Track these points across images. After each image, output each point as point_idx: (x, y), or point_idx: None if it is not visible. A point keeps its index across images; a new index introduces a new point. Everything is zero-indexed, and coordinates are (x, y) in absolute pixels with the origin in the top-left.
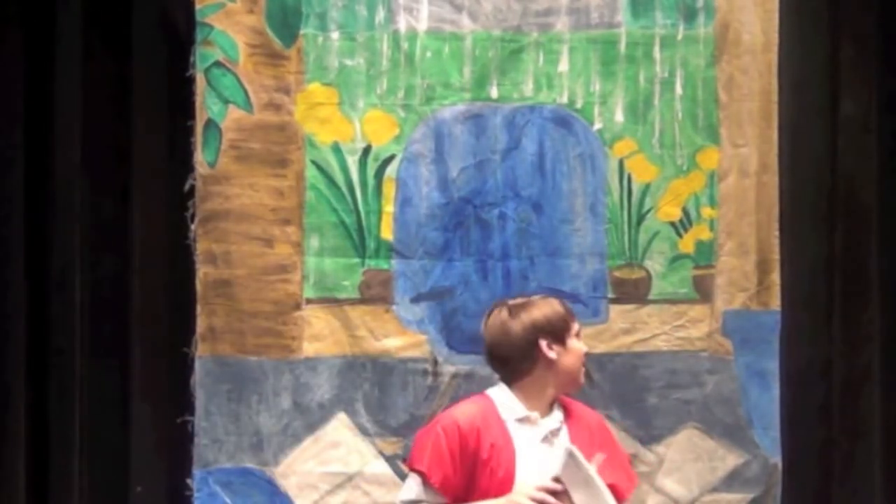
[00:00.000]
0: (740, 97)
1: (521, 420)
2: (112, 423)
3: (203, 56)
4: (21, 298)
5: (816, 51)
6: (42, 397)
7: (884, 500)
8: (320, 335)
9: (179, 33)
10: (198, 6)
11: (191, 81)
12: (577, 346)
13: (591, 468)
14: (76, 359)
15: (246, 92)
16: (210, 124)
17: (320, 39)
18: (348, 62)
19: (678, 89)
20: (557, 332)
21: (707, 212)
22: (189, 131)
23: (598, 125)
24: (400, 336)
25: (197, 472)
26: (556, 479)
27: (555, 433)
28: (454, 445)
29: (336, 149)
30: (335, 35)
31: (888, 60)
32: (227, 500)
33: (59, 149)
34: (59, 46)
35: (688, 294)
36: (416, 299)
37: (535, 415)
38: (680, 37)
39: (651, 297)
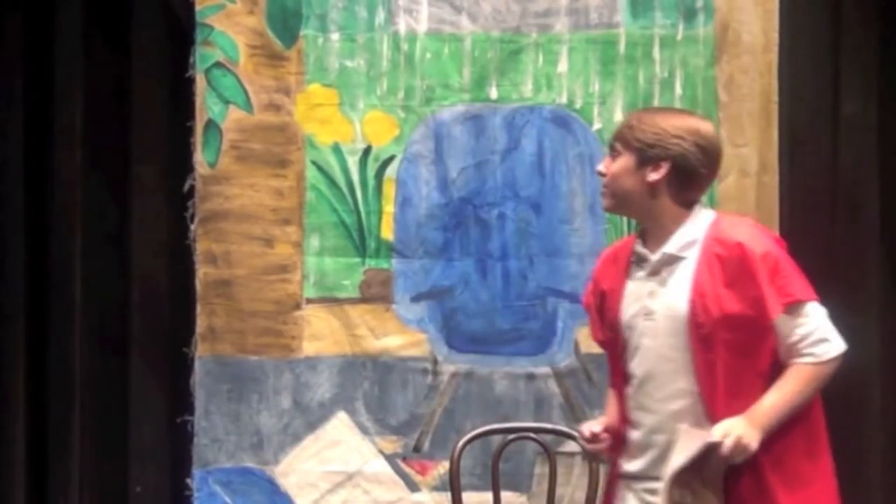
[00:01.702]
0: (740, 97)
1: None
2: (112, 423)
3: (203, 57)
4: (21, 298)
5: (816, 51)
6: (42, 397)
7: (884, 499)
8: (320, 334)
9: (180, 34)
10: (198, 7)
11: (191, 82)
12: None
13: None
14: (76, 358)
15: (246, 92)
16: (210, 125)
17: (320, 40)
18: (348, 63)
19: (678, 89)
20: None
21: None
22: (189, 131)
23: (597, 125)
24: (400, 335)
25: (197, 471)
26: None
27: (657, 268)
28: None
29: (336, 149)
30: (335, 36)
31: (888, 60)
32: (227, 499)
33: (59, 149)
34: (59, 46)
35: None
36: (416, 299)
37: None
38: (679, 37)
39: None
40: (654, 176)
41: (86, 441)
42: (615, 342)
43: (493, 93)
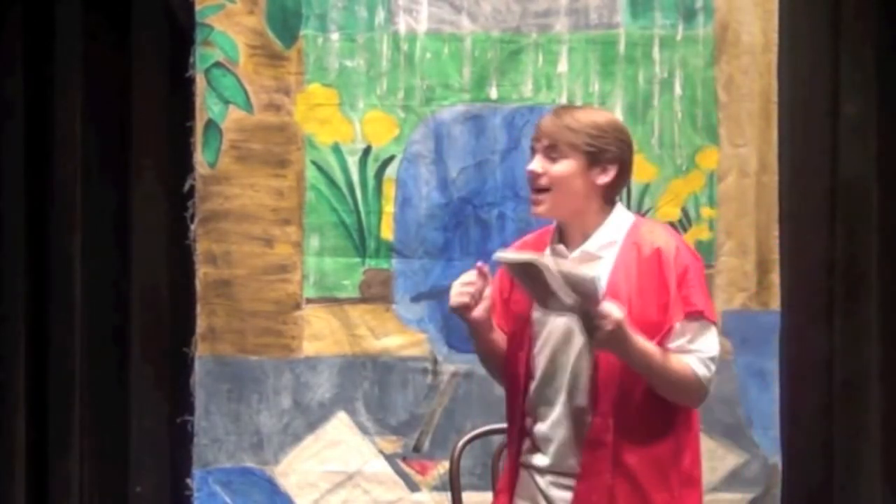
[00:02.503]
0: (740, 97)
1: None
2: (112, 423)
3: (203, 57)
4: (21, 298)
5: (816, 51)
6: (42, 397)
7: (884, 499)
8: (320, 334)
9: (179, 34)
10: (198, 7)
11: (191, 82)
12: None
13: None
14: (76, 359)
15: (246, 92)
16: (210, 125)
17: (320, 40)
18: (348, 63)
19: (677, 89)
20: None
21: (706, 212)
22: (189, 131)
23: None
24: (400, 335)
25: (197, 471)
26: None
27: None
28: None
29: (336, 149)
30: (335, 36)
31: (888, 60)
32: (227, 499)
33: (60, 149)
34: (59, 46)
35: None
36: (416, 298)
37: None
38: (679, 37)
39: None
40: (603, 178)
41: (86, 441)
42: (522, 335)
43: (493, 93)
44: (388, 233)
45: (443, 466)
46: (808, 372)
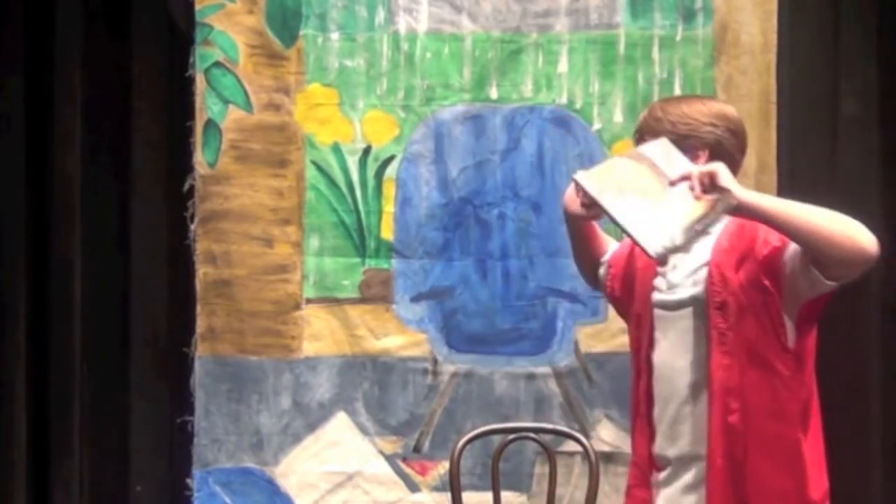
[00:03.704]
0: (739, 98)
1: None
2: (112, 423)
3: (203, 56)
4: (21, 298)
5: (816, 51)
6: (42, 397)
7: (884, 499)
8: (320, 335)
9: (179, 34)
10: (197, 7)
11: (191, 81)
12: None
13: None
14: (76, 359)
15: (246, 92)
16: (210, 124)
17: (320, 40)
18: (348, 63)
19: (677, 90)
20: None
21: None
22: (189, 131)
23: (597, 125)
24: (400, 335)
25: (197, 472)
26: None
27: None
28: None
29: (336, 149)
30: (335, 36)
31: (888, 60)
32: (227, 499)
33: (60, 148)
34: (59, 46)
35: None
36: (415, 298)
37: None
38: (679, 37)
39: None
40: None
41: (86, 441)
42: (644, 317)
43: (493, 93)
44: (388, 233)
45: (443, 466)
46: None
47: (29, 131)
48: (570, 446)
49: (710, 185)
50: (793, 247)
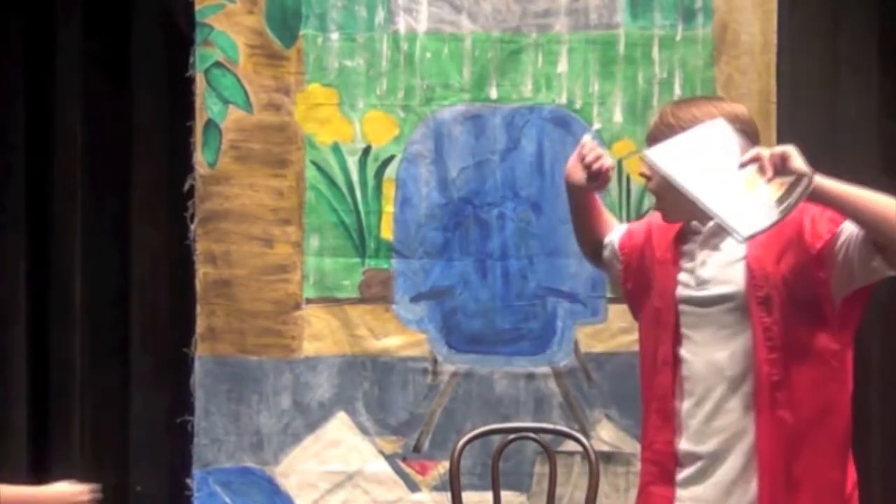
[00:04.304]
0: (739, 98)
1: None
2: (112, 423)
3: (203, 56)
4: (22, 298)
5: (816, 51)
6: (43, 397)
7: (884, 499)
8: (320, 335)
9: (179, 34)
10: (197, 7)
11: (191, 82)
12: None
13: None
14: (76, 359)
15: (246, 92)
16: (210, 124)
17: (320, 40)
18: (348, 63)
19: (677, 90)
20: None
21: None
22: (189, 131)
23: (596, 125)
24: (400, 335)
25: (197, 471)
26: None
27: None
28: None
29: (336, 149)
30: (335, 36)
31: (888, 61)
32: (227, 499)
33: (60, 149)
34: (59, 46)
35: None
36: (415, 298)
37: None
38: (678, 37)
39: None
40: None
41: (86, 441)
42: (665, 313)
43: (493, 93)
44: (387, 233)
45: (443, 466)
46: None
47: (29, 131)
48: (570, 446)
49: (781, 167)
50: (845, 235)
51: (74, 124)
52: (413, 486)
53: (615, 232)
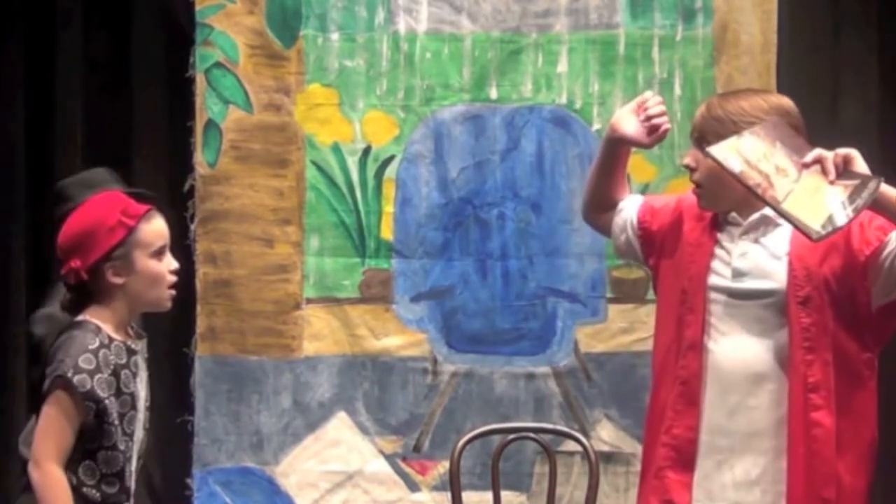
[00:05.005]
0: None
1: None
2: None
3: (203, 57)
4: (22, 298)
5: (816, 51)
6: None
7: (884, 499)
8: (320, 334)
9: (179, 34)
10: (198, 7)
11: (191, 82)
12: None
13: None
14: None
15: (246, 92)
16: (210, 124)
17: (320, 40)
18: (348, 63)
19: (677, 90)
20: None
21: None
22: (189, 131)
23: (596, 126)
24: (400, 335)
25: (197, 471)
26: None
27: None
28: None
29: (336, 149)
30: (335, 36)
31: (888, 61)
32: (227, 499)
33: (60, 148)
34: (60, 46)
35: None
36: (415, 298)
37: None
38: (679, 37)
39: (649, 296)
40: None
41: None
42: (694, 298)
43: (493, 93)
44: (387, 233)
45: (443, 466)
46: None
47: (30, 131)
48: (570, 446)
49: (843, 169)
50: (892, 245)
51: (74, 124)
52: (413, 486)
53: (630, 201)
